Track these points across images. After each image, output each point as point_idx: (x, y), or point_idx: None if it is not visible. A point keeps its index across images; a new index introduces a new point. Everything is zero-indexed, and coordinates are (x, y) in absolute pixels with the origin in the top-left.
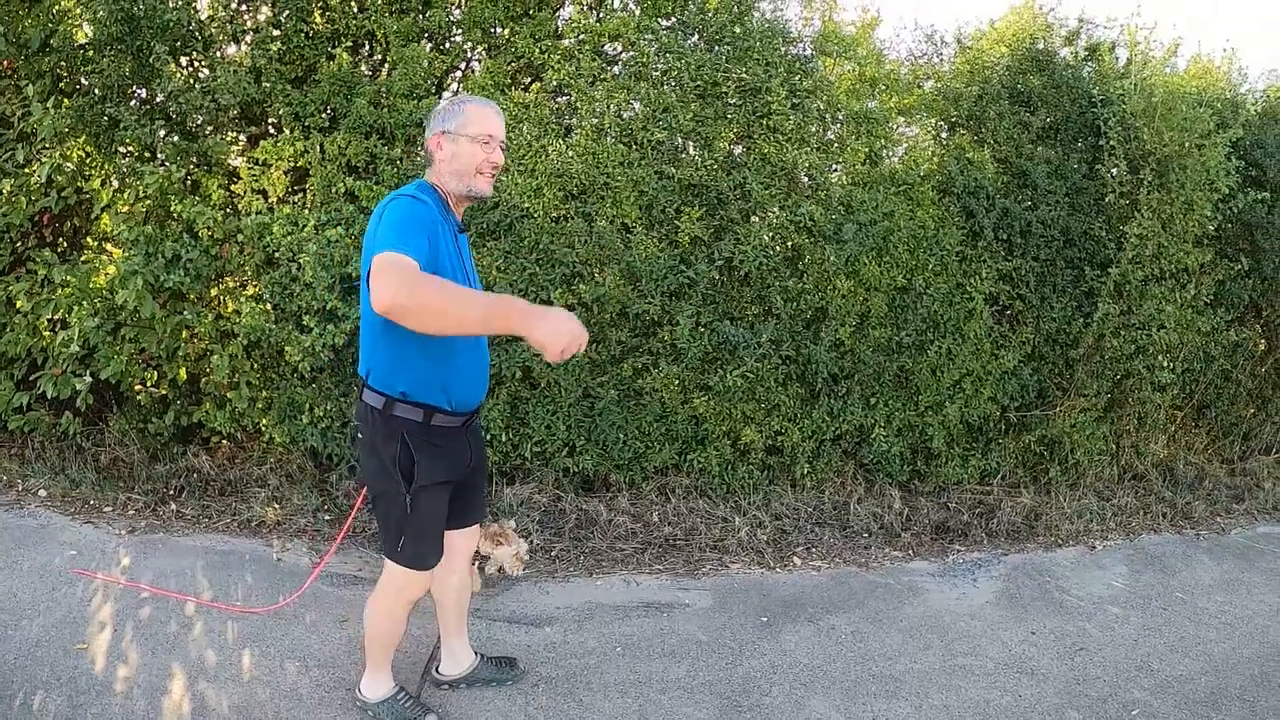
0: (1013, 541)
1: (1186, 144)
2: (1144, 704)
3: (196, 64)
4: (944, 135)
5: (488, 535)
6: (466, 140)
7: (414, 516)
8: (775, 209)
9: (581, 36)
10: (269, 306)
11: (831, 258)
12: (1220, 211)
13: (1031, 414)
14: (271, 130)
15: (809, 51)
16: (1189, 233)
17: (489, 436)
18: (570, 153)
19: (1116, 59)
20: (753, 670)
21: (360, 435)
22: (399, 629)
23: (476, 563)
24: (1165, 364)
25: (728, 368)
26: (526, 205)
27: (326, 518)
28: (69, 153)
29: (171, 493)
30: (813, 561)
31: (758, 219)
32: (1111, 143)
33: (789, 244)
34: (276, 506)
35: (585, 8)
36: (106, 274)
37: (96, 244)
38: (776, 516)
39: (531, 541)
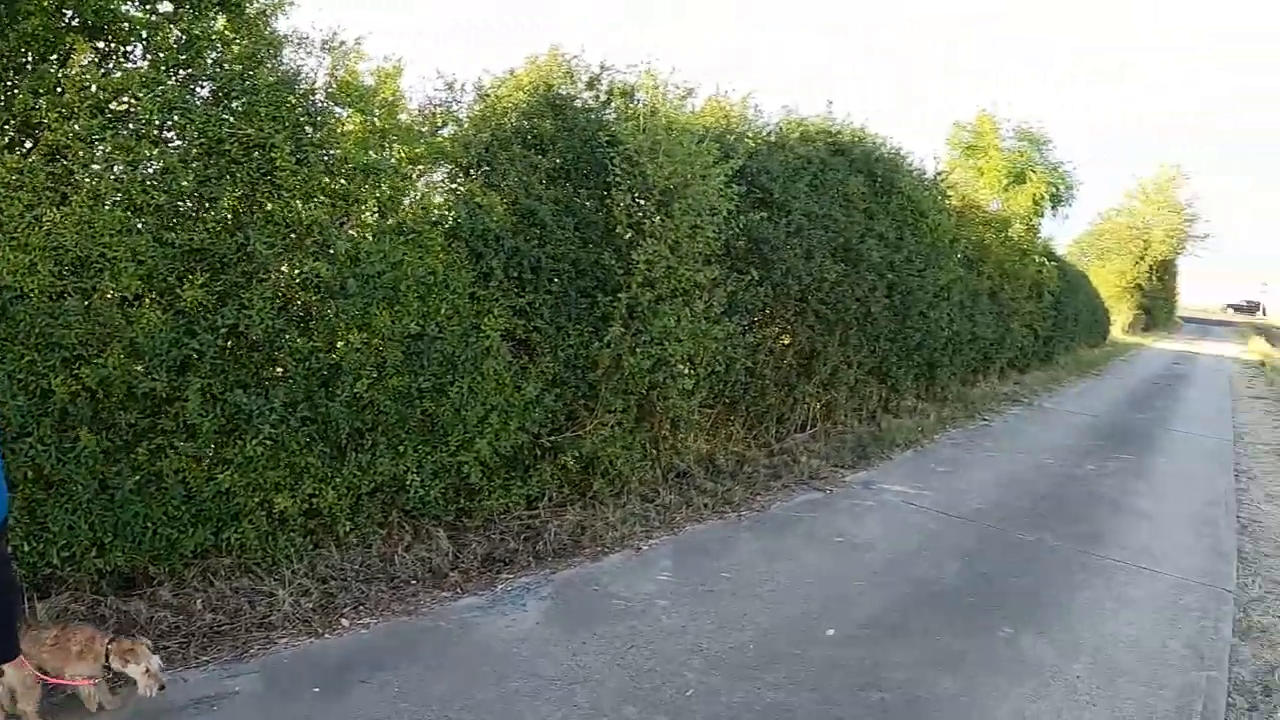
0: (561, 559)
1: (690, 175)
2: (698, 682)
3: None
4: (458, 181)
5: (118, 652)
6: None
7: None
8: (283, 268)
9: (83, 91)
10: None
11: (340, 313)
12: (726, 231)
13: (564, 436)
14: None
15: (321, 103)
16: (698, 253)
17: (10, 549)
18: (65, 222)
19: (636, 101)
20: None
21: None
22: None
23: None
24: (687, 371)
25: (247, 438)
26: (20, 284)
27: None
28: None
29: None
30: (361, 620)
31: (263, 280)
32: (617, 178)
33: (297, 303)
34: None
35: (96, 60)
36: None
37: None
38: (323, 580)
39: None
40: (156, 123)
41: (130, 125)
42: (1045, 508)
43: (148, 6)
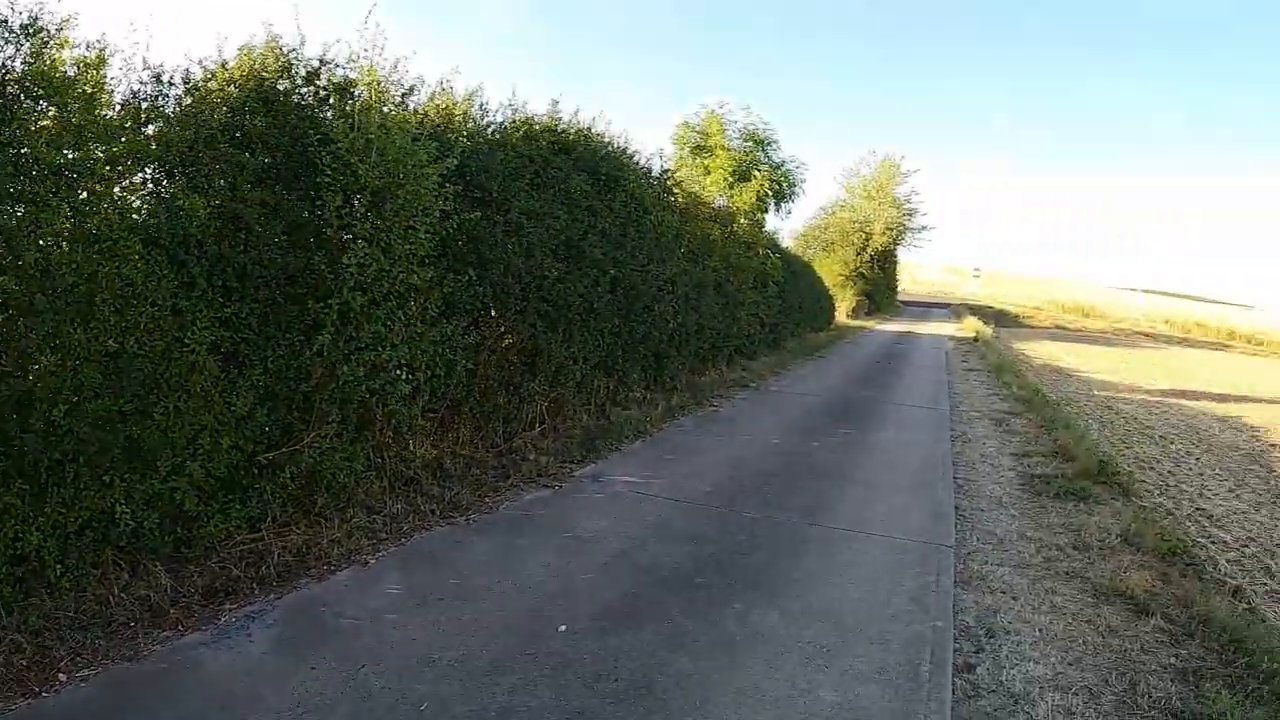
0: (287, 582)
1: (403, 175)
2: (432, 695)
3: None
4: (163, 183)
5: None
6: None
7: None
8: None
9: None
10: None
11: (31, 332)
12: (441, 231)
13: (281, 452)
14: None
15: (13, 95)
16: (413, 255)
17: None
18: None
19: (357, 97)
20: None
21: None
22: None
23: None
24: (404, 377)
25: None
26: None
27: None
28: None
29: None
30: (80, 672)
31: None
32: (328, 178)
33: None
34: None
35: None
36: None
37: None
38: (36, 633)
39: None
40: None
41: None
42: (773, 486)
43: None
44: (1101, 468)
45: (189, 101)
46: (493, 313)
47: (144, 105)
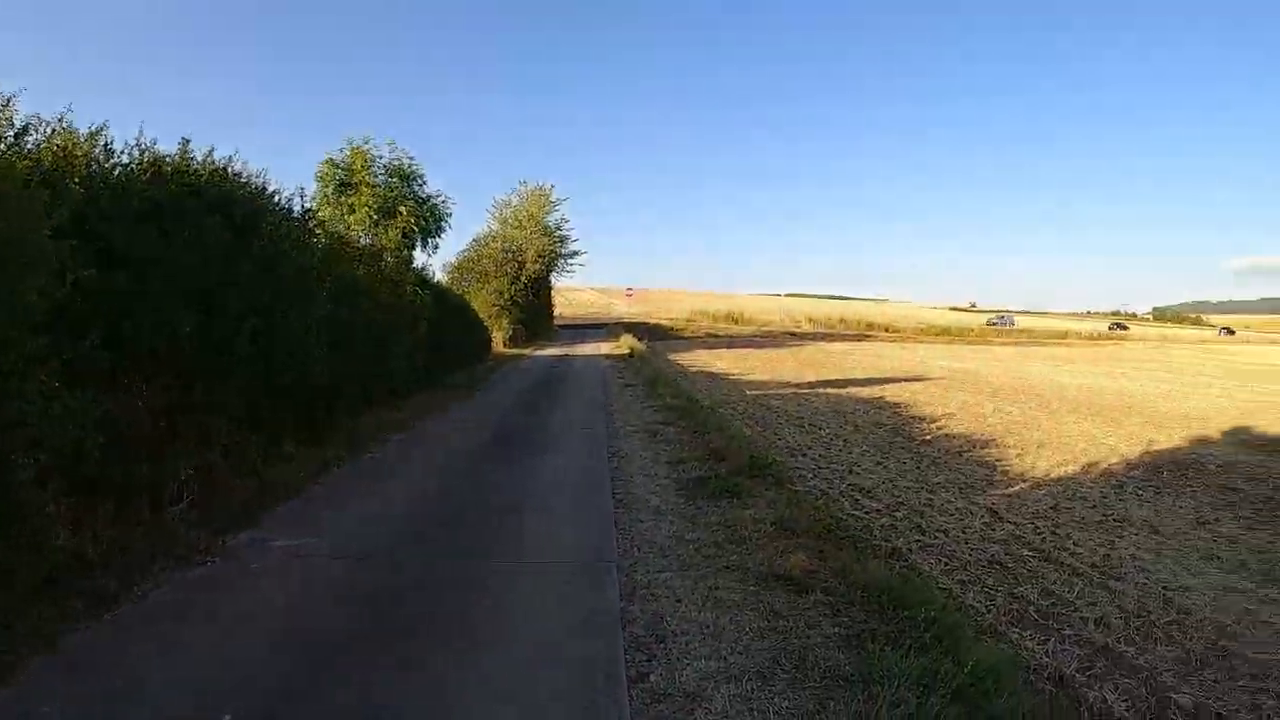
0: None
1: (12, 230)
2: None
3: None
4: None
5: None
6: None
7: None
8: None
9: None
10: None
11: None
12: (58, 291)
13: None
14: None
15: None
16: (27, 321)
17: None
18: None
19: None
20: None
21: None
22: None
23: None
24: (28, 460)
25: None
26: None
27: None
28: None
29: None
30: None
31: None
32: None
33: None
34: None
35: None
36: None
37: None
38: None
39: None
40: None
41: None
42: (439, 529)
43: None
44: (753, 462)
45: None
46: (122, 378)
47: None
